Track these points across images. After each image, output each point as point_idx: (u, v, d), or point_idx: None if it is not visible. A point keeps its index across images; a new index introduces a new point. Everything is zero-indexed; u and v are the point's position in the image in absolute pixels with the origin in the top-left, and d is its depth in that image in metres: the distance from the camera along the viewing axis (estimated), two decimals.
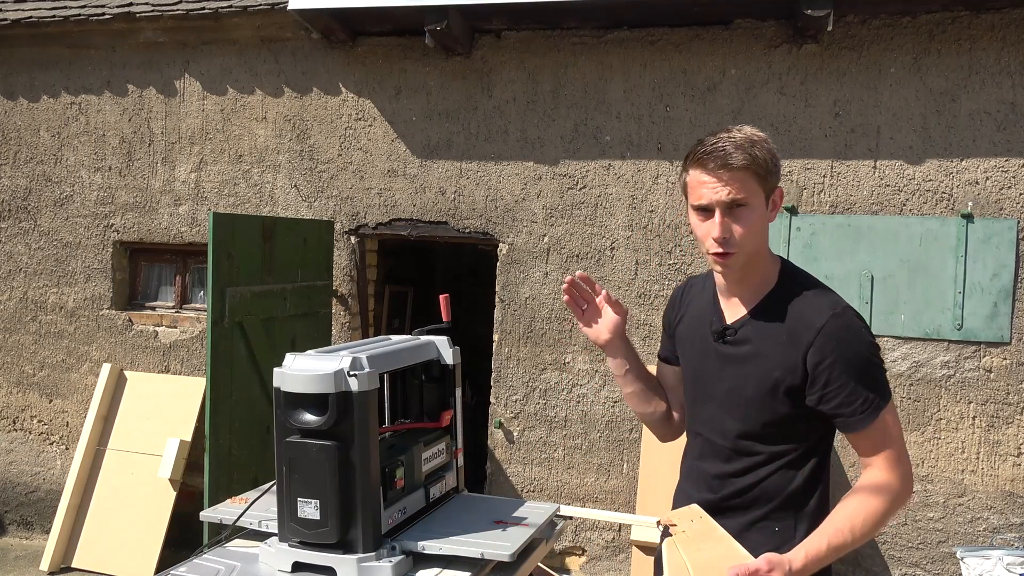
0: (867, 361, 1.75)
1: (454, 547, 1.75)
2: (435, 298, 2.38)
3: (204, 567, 1.74)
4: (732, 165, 1.71)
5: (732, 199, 1.73)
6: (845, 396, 1.74)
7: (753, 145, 1.73)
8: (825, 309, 1.77)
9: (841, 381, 1.73)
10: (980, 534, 4.32)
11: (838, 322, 1.74)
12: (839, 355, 1.73)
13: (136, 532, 5.04)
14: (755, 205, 1.75)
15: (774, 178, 1.78)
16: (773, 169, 1.77)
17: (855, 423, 1.75)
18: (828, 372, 1.73)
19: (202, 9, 5.14)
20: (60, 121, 5.66)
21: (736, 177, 1.72)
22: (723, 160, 1.72)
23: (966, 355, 4.32)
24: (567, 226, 4.83)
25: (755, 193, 1.74)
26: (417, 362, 2.01)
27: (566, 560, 4.88)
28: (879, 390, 1.75)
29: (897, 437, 1.77)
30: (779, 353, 1.78)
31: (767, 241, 1.84)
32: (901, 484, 1.75)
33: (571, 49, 4.80)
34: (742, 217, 1.75)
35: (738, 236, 1.75)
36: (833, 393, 1.75)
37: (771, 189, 1.78)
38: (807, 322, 1.76)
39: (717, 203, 1.74)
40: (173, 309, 5.64)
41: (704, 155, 1.75)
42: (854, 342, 1.74)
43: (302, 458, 1.69)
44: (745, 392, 1.82)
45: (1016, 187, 4.27)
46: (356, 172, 5.15)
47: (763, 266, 1.85)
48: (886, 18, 4.38)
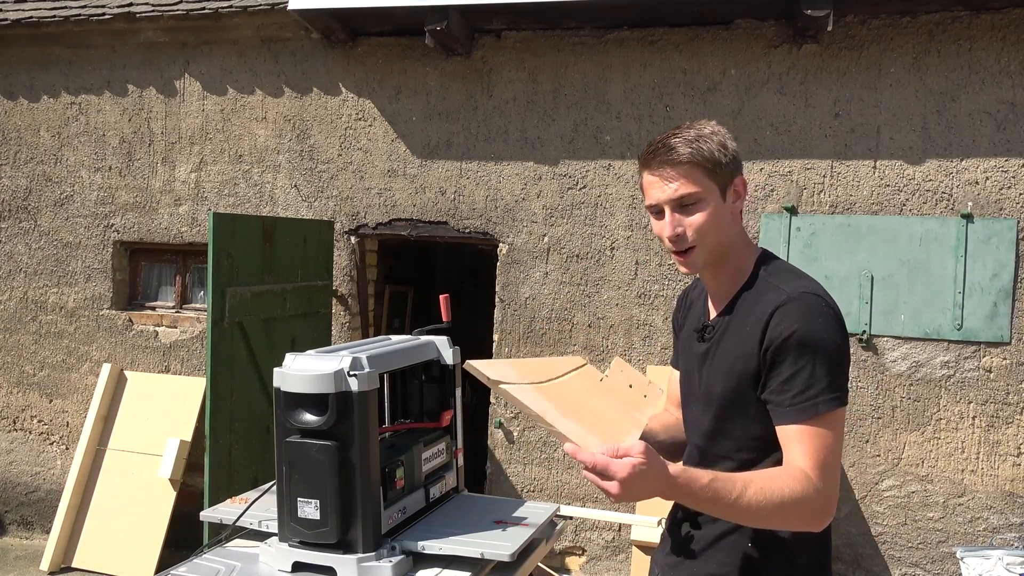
0: (818, 352, 1.58)
1: (454, 547, 1.75)
2: (435, 298, 2.38)
3: (204, 567, 1.74)
4: (675, 161, 1.66)
5: (680, 196, 1.67)
6: (782, 381, 1.59)
7: (699, 139, 1.67)
8: (785, 292, 1.65)
9: (783, 365, 1.59)
10: (980, 534, 4.32)
11: (795, 303, 1.62)
12: (788, 335, 1.59)
13: (136, 532, 5.04)
14: (707, 199, 1.67)
15: (727, 169, 1.69)
16: (724, 160, 1.68)
17: (783, 413, 1.59)
18: (774, 354, 1.60)
19: (202, 9, 5.14)
20: (60, 121, 5.66)
21: (681, 173, 1.66)
22: (665, 157, 1.67)
23: (966, 355, 4.32)
24: (567, 226, 4.83)
25: (706, 187, 1.67)
26: (417, 362, 2.01)
27: (566, 560, 4.88)
28: (824, 387, 1.57)
29: (833, 451, 1.57)
30: (740, 345, 1.68)
31: (738, 234, 1.76)
32: (817, 492, 1.52)
33: (571, 49, 4.80)
34: (693, 213, 1.68)
35: (691, 233, 1.68)
36: (773, 376, 1.61)
37: (726, 181, 1.70)
38: (765, 305, 1.65)
39: (665, 202, 1.69)
40: (173, 309, 5.64)
41: (648, 155, 1.71)
42: (808, 325, 1.59)
43: (302, 458, 1.69)
44: (714, 389, 1.73)
45: (1016, 187, 4.27)
46: (356, 172, 5.15)
47: (737, 260, 1.76)
48: (886, 18, 4.38)
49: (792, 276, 1.72)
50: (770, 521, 1.54)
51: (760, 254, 1.79)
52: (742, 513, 1.51)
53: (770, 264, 1.77)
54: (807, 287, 1.67)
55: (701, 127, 1.70)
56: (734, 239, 1.75)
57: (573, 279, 4.83)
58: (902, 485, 4.39)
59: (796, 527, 1.57)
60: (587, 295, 4.80)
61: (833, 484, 1.56)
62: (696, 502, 1.51)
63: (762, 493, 1.49)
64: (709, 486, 1.48)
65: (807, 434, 1.57)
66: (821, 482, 1.54)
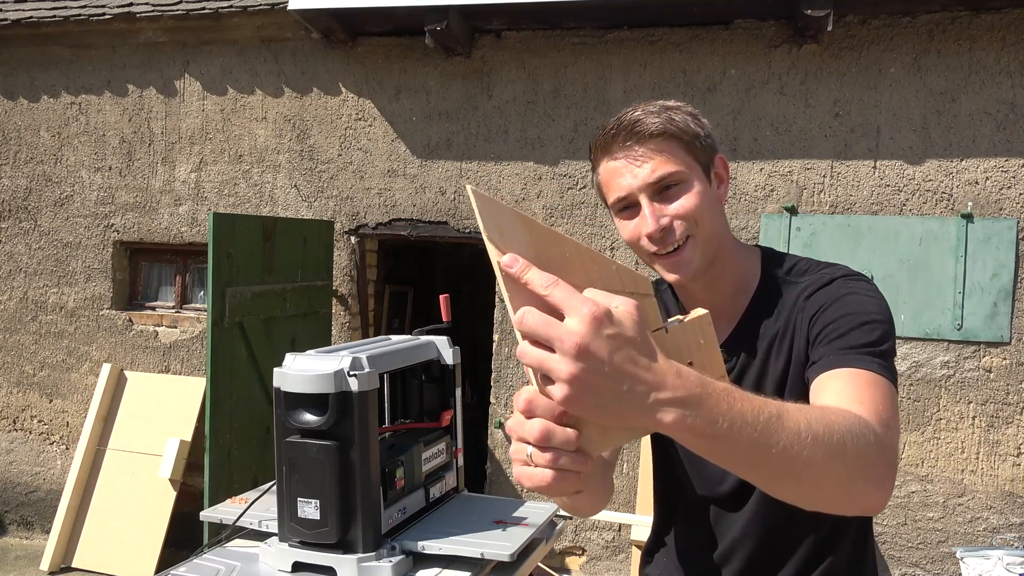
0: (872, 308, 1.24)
1: (454, 547, 1.75)
2: (435, 298, 2.38)
3: (204, 567, 1.74)
4: (645, 133, 1.28)
5: (659, 176, 1.27)
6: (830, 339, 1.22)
7: (667, 109, 1.30)
8: (825, 275, 1.33)
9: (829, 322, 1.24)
10: (980, 534, 4.32)
11: (837, 279, 1.31)
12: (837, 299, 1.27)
13: (136, 532, 5.04)
14: (692, 179, 1.29)
15: (707, 144, 1.32)
16: (702, 134, 1.31)
17: (827, 363, 1.18)
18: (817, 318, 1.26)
19: (202, 9, 5.14)
20: (60, 121, 5.66)
21: (654, 150, 1.28)
22: (632, 131, 1.28)
23: (966, 355, 4.32)
24: (567, 226, 4.83)
25: (689, 164, 1.29)
26: (417, 362, 2.01)
27: (566, 560, 4.88)
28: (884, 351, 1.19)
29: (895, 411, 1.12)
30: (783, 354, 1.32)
31: (726, 226, 1.38)
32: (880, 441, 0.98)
33: (571, 49, 4.80)
34: (678, 197, 1.28)
35: (682, 221, 1.28)
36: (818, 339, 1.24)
37: (707, 158, 1.32)
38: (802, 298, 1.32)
39: (640, 188, 1.28)
40: (173, 309, 5.64)
41: (609, 135, 1.32)
42: (869, 293, 1.27)
43: (302, 458, 1.69)
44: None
45: (1016, 187, 4.27)
46: (356, 172, 5.15)
47: (735, 262, 1.38)
48: (886, 18, 4.38)
49: (824, 265, 1.38)
50: (827, 467, 0.89)
51: (763, 253, 1.43)
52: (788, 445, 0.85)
53: (785, 263, 1.40)
54: (846, 269, 1.35)
55: (664, 101, 1.35)
56: (726, 236, 1.37)
57: None
58: (902, 485, 4.39)
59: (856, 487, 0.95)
60: None
61: (895, 447, 1.06)
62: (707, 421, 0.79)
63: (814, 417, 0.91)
64: (733, 390, 0.84)
65: (865, 383, 1.12)
66: (884, 433, 1.02)
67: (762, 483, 0.93)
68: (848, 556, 1.36)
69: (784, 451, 0.85)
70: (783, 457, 0.85)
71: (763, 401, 0.86)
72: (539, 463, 0.80)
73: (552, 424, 0.78)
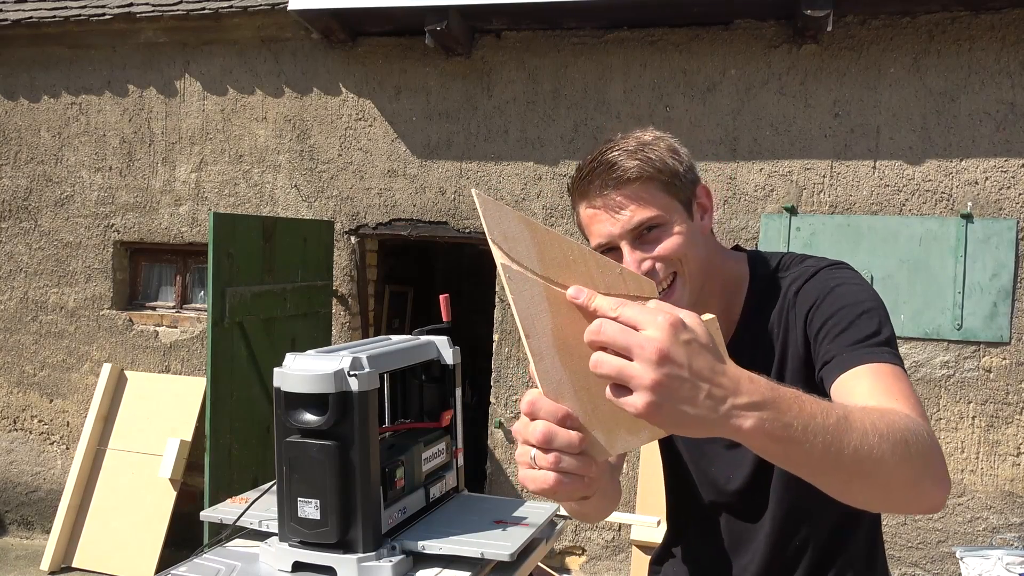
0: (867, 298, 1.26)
1: (454, 547, 1.75)
2: (435, 298, 2.38)
3: (204, 567, 1.74)
4: (623, 179, 1.26)
5: (639, 222, 1.26)
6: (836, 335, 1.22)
7: (644, 147, 1.29)
8: (809, 267, 1.35)
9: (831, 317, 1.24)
10: (980, 534, 4.32)
11: (833, 271, 1.33)
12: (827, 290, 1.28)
13: (136, 532, 5.04)
14: (673, 220, 1.28)
15: (686, 179, 1.31)
16: (680, 169, 1.30)
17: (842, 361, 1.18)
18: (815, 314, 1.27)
19: (202, 9, 5.14)
20: (60, 121, 5.66)
21: (633, 194, 1.27)
22: (607, 176, 1.27)
23: (966, 355, 4.32)
24: (567, 226, 4.83)
25: (667, 206, 1.28)
26: (417, 362, 2.01)
27: (566, 560, 4.88)
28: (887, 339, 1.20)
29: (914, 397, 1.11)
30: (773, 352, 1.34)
31: (717, 253, 1.39)
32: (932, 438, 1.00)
33: (571, 49, 4.80)
34: (663, 242, 1.27)
35: (663, 267, 1.28)
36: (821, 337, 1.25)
37: (688, 195, 1.32)
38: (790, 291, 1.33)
39: (620, 236, 1.27)
40: (173, 309, 5.64)
41: (582, 181, 1.30)
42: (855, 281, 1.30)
43: (302, 458, 1.69)
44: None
45: (1015, 187, 4.27)
46: (356, 172, 5.15)
47: (723, 273, 1.39)
48: (886, 18, 4.38)
49: (807, 257, 1.41)
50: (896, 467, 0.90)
51: (749, 257, 1.43)
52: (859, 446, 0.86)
53: (770, 261, 1.42)
54: (831, 260, 1.37)
55: (640, 134, 1.33)
56: (714, 259, 1.37)
57: None
58: None
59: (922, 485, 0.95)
60: None
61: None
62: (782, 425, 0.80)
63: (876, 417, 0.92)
64: (801, 394, 0.85)
65: (887, 375, 1.13)
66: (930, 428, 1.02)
67: (834, 487, 0.92)
68: (863, 557, 1.37)
69: (855, 452, 0.86)
70: (855, 458, 0.86)
71: (829, 404, 0.88)
72: (542, 465, 0.79)
73: (555, 426, 0.78)
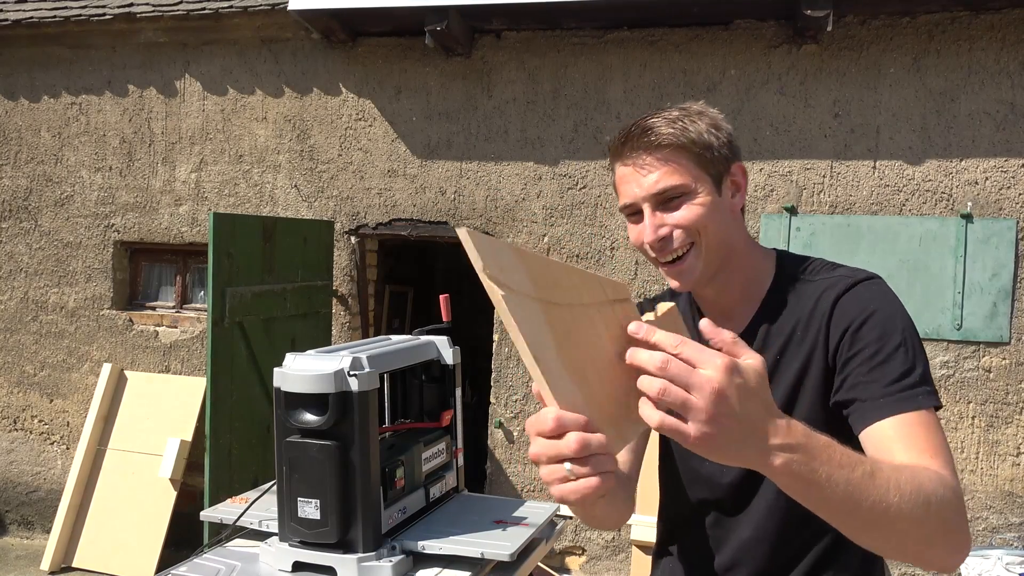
0: (907, 329, 1.23)
1: (454, 547, 1.75)
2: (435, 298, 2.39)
3: (204, 567, 1.74)
4: (653, 144, 1.28)
5: (662, 188, 1.28)
6: (870, 369, 1.20)
7: (685, 117, 1.30)
8: (845, 277, 1.32)
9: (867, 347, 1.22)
10: (979, 534, 4.32)
11: (866, 285, 1.29)
12: (868, 314, 1.24)
13: (136, 532, 5.04)
14: (699, 190, 1.29)
15: (721, 154, 1.31)
16: (718, 144, 1.30)
17: (876, 407, 1.16)
18: (851, 341, 1.24)
19: (202, 9, 5.14)
20: (61, 121, 5.67)
21: (662, 160, 1.28)
22: (641, 140, 1.29)
23: (965, 355, 4.32)
24: (567, 226, 4.83)
25: (695, 177, 1.29)
26: (417, 362, 2.01)
27: (566, 560, 4.88)
28: (921, 376, 1.19)
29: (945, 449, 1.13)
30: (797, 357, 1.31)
31: (742, 237, 1.38)
32: (959, 499, 1.05)
33: (571, 49, 4.80)
34: (682, 209, 1.29)
35: (679, 234, 1.30)
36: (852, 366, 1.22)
37: (720, 169, 1.32)
38: (823, 302, 1.30)
39: (644, 198, 1.30)
40: (173, 309, 5.64)
41: (620, 142, 1.32)
42: (889, 304, 1.26)
43: (302, 458, 1.69)
44: None
45: (1015, 187, 4.27)
46: (356, 172, 5.15)
47: (748, 267, 1.38)
48: (886, 18, 4.38)
49: (838, 265, 1.38)
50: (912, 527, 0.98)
51: (778, 254, 1.43)
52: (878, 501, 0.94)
53: (800, 263, 1.40)
54: (865, 272, 1.33)
55: (689, 105, 1.34)
56: (738, 242, 1.36)
57: None
58: None
59: (936, 548, 1.02)
60: None
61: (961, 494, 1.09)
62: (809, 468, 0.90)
63: (904, 478, 0.98)
64: (834, 445, 0.93)
65: (919, 426, 1.14)
66: (958, 486, 1.06)
67: (849, 531, 0.98)
68: (860, 555, 1.36)
69: (873, 506, 0.94)
70: (872, 512, 0.94)
71: (860, 458, 0.95)
72: (581, 473, 0.84)
73: (585, 433, 0.83)
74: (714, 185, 1.31)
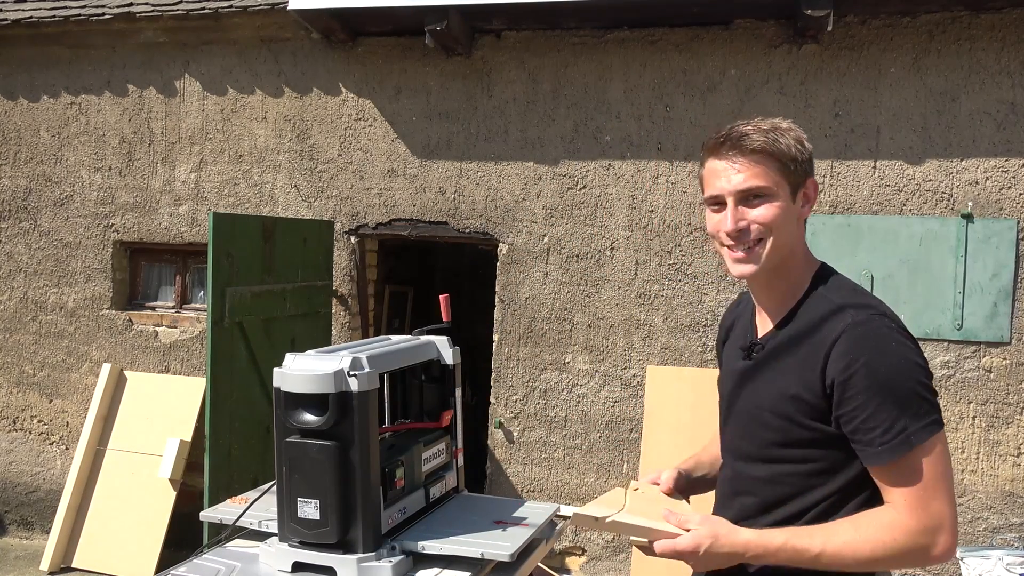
0: (896, 379, 1.44)
1: (454, 547, 1.75)
2: (435, 298, 2.38)
3: (204, 567, 1.74)
4: (747, 147, 1.52)
5: (748, 187, 1.52)
6: (863, 419, 1.45)
7: (775, 130, 1.53)
8: (847, 315, 1.49)
9: (860, 400, 1.44)
10: (980, 534, 4.32)
11: (859, 330, 1.47)
12: (858, 367, 1.44)
13: (136, 532, 5.04)
14: (778, 195, 1.53)
15: (801, 168, 1.55)
16: (800, 158, 1.54)
17: (873, 455, 1.45)
18: (843, 388, 1.46)
19: (202, 9, 5.14)
20: (60, 121, 5.66)
21: (752, 163, 1.52)
22: (737, 143, 1.53)
23: (966, 355, 4.32)
24: (567, 226, 4.83)
25: (776, 183, 1.52)
26: (417, 362, 2.01)
27: (566, 560, 4.88)
28: (913, 417, 1.43)
29: (932, 480, 1.44)
30: (798, 367, 1.53)
31: (801, 243, 1.61)
32: (913, 535, 1.43)
33: (571, 49, 4.80)
34: (761, 207, 1.52)
35: (756, 229, 1.53)
36: (850, 415, 1.46)
37: (799, 181, 1.55)
38: (826, 331, 1.50)
39: (730, 192, 1.53)
40: (173, 309, 5.64)
41: (717, 141, 1.56)
42: (881, 354, 1.45)
43: (302, 458, 1.69)
44: (759, 409, 1.60)
45: (1016, 187, 4.27)
46: (356, 172, 5.15)
47: (795, 272, 1.61)
48: (886, 18, 4.38)
49: (850, 292, 1.57)
50: (865, 569, 1.48)
51: (818, 268, 1.64)
52: (825, 566, 1.47)
53: (828, 279, 1.61)
54: (868, 306, 1.52)
55: (778, 120, 1.57)
56: (797, 248, 1.60)
57: (573, 279, 4.83)
58: None
59: (901, 568, 1.50)
60: (587, 295, 4.80)
61: (937, 518, 1.44)
62: (771, 559, 1.50)
63: (849, 547, 1.45)
64: (785, 546, 1.47)
65: (900, 472, 1.45)
66: (917, 522, 1.43)
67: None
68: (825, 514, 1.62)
69: (827, 564, 1.47)
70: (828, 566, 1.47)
71: (809, 544, 1.47)
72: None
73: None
74: (791, 193, 1.55)
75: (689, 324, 4.65)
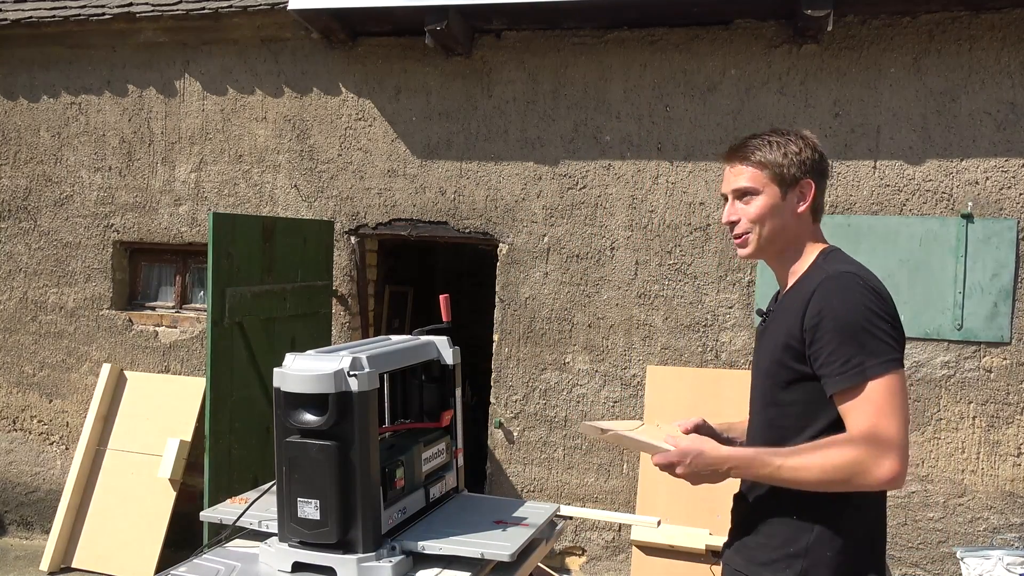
0: (857, 321, 1.71)
1: (454, 547, 1.75)
2: (435, 298, 2.38)
3: (204, 567, 1.74)
4: (742, 155, 1.89)
5: (738, 187, 1.89)
6: (827, 355, 1.72)
7: (769, 143, 1.87)
8: (826, 272, 1.80)
9: (825, 340, 1.72)
10: (980, 534, 4.32)
11: (832, 282, 1.76)
12: (826, 313, 1.72)
13: (136, 532, 5.04)
14: (764, 194, 1.87)
15: (791, 174, 1.86)
16: (787, 164, 1.86)
17: (830, 383, 1.71)
18: (814, 331, 1.74)
19: (202, 9, 5.14)
20: (60, 121, 5.66)
21: (746, 166, 1.88)
22: (734, 153, 1.92)
23: (966, 355, 4.32)
24: (567, 226, 4.83)
25: (763, 184, 1.87)
26: (417, 362, 2.01)
27: (566, 560, 4.88)
28: (870, 354, 1.69)
29: (884, 407, 1.66)
30: (786, 322, 1.83)
31: (806, 231, 1.91)
32: (861, 456, 1.65)
33: (571, 49, 4.80)
34: (750, 204, 1.88)
35: (745, 220, 1.89)
36: (817, 353, 1.74)
37: (789, 183, 1.86)
38: (808, 287, 1.80)
39: (729, 191, 1.93)
40: (173, 309, 5.64)
41: (730, 149, 1.96)
42: (845, 301, 1.73)
43: (302, 458, 1.69)
44: (764, 362, 1.90)
45: (1016, 187, 4.27)
46: (356, 172, 5.15)
47: (800, 253, 1.92)
48: (886, 18, 4.38)
49: (839, 261, 1.85)
50: (821, 487, 1.70)
51: (825, 249, 1.92)
52: (788, 482, 1.71)
53: (828, 255, 1.89)
54: (847, 267, 1.80)
55: (786, 132, 1.90)
56: (795, 234, 1.90)
57: (573, 279, 4.83)
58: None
59: (852, 488, 1.68)
60: (587, 295, 4.80)
61: (887, 444, 1.64)
62: (752, 475, 1.77)
63: (800, 463, 1.69)
64: (755, 459, 1.74)
65: (854, 398, 1.69)
66: (863, 440, 1.65)
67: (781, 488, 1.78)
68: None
69: (788, 480, 1.72)
70: (789, 482, 1.73)
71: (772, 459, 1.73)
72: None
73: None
74: (780, 191, 1.87)
75: (689, 324, 4.65)
